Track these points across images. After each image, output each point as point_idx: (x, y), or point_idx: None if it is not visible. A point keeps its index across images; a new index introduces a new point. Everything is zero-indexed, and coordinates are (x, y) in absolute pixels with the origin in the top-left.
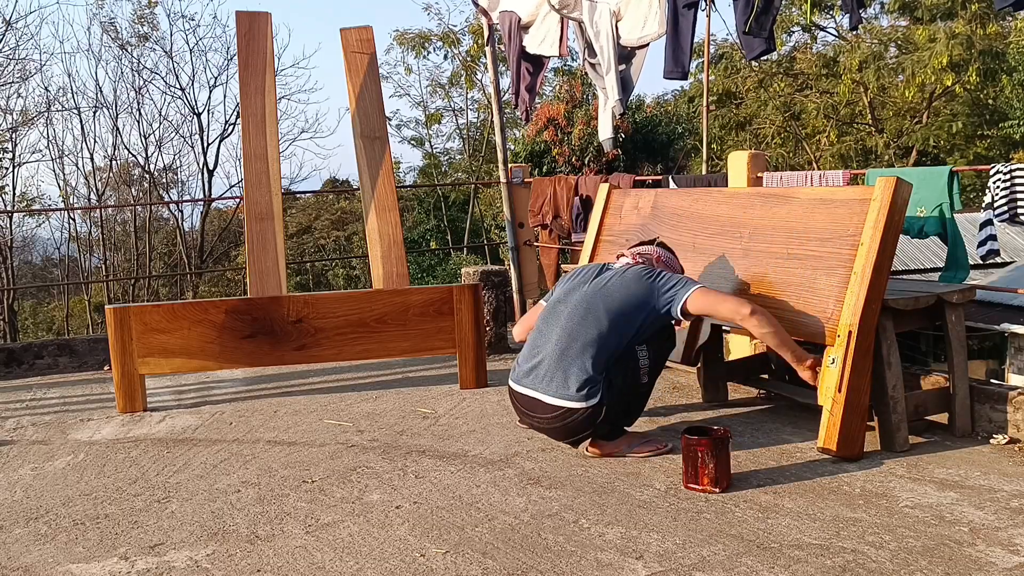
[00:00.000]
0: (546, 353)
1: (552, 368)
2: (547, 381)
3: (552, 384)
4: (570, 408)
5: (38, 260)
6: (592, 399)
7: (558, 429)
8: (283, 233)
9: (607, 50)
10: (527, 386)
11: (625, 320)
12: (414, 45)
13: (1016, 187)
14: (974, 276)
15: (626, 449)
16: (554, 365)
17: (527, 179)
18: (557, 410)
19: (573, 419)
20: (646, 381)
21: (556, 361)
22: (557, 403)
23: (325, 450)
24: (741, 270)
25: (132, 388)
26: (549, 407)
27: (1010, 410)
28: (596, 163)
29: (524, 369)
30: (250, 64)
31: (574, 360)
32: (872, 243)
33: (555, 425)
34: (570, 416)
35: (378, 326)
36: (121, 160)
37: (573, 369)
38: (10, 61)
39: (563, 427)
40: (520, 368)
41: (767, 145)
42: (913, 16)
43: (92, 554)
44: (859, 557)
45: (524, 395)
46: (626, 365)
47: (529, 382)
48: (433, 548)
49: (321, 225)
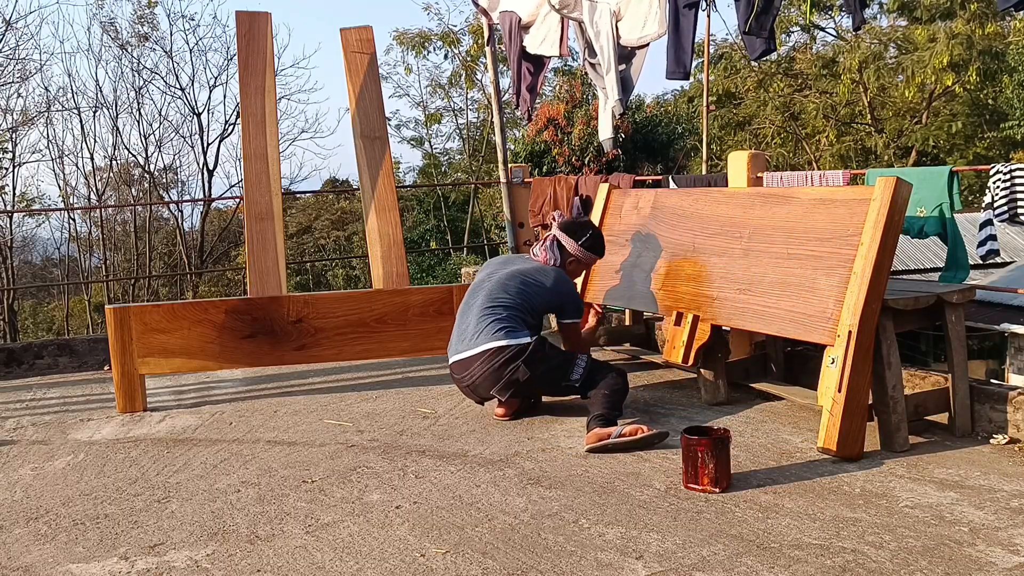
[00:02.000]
0: (471, 319)
1: (478, 328)
2: (475, 338)
3: (479, 338)
4: (496, 347)
5: (38, 260)
6: (518, 338)
7: (486, 372)
8: (283, 233)
9: (607, 50)
10: (458, 351)
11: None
12: (414, 45)
13: (1016, 187)
14: (974, 276)
15: (615, 435)
16: (480, 325)
17: (527, 179)
18: (485, 352)
19: (501, 357)
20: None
21: (480, 320)
22: (483, 348)
23: (325, 450)
24: (741, 270)
25: (132, 388)
26: (478, 355)
27: (1010, 410)
28: (596, 163)
29: (455, 343)
30: (250, 64)
31: (497, 316)
32: (872, 243)
33: (486, 369)
34: (498, 355)
35: (378, 326)
36: (121, 160)
37: (496, 321)
38: (10, 61)
39: (491, 368)
40: (452, 344)
41: (767, 145)
42: (912, 16)
43: (92, 554)
44: (859, 557)
45: (458, 361)
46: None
47: (461, 347)
48: (433, 548)
49: (321, 225)
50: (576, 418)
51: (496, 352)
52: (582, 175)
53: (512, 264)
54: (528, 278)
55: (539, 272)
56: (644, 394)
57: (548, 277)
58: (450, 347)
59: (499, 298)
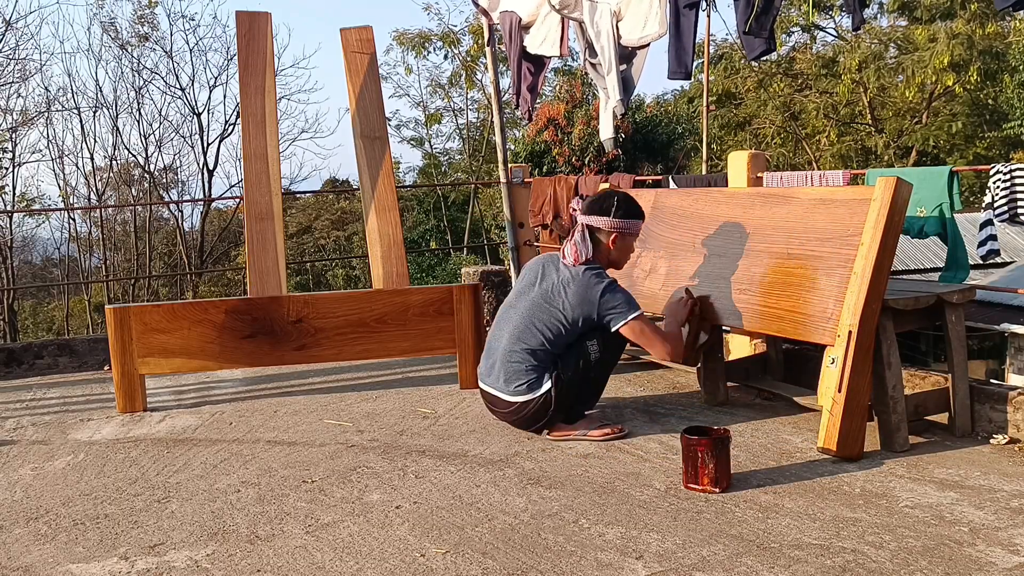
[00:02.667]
0: (497, 355)
1: (501, 367)
2: (501, 379)
3: (503, 382)
4: (522, 402)
5: (38, 260)
6: (537, 391)
7: (517, 420)
8: (283, 233)
9: (608, 50)
10: (487, 384)
11: (568, 327)
12: (414, 45)
13: (1016, 187)
14: (974, 276)
15: (583, 432)
16: (503, 365)
17: (527, 179)
18: (512, 404)
19: (527, 411)
20: (597, 370)
21: (504, 362)
22: (509, 399)
23: (325, 450)
24: (741, 270)
25: (132, 388)
26: (505, 403)
27: (1010, 410)
28: (596, 163)
29: (484, 369)
30: (250, 64)
31: (520, 360)
32: (872, 243)
33: (514, 418)
34: (524, 409)
35: (378, 326)
36: (121, 160)
37: (519, 367)
38: (10, 61)
39: (521, 418)
40: (482, 368)
41: (767, 145)
42: (912, 16)
43: (92, 554)
44: (859, 557)
45: (486, 392)
46: (576, 357)
47: (489, 381)
48: (433, 548)
49: (321, 225)
50: None
51: (521, 407)
52: (582, 175)
53: (546, 276)
54: (553, 304)
55: (564, 289)
56: (644, 394)
57: (571, 291)
58: (481, 364)
59: (524, 338)
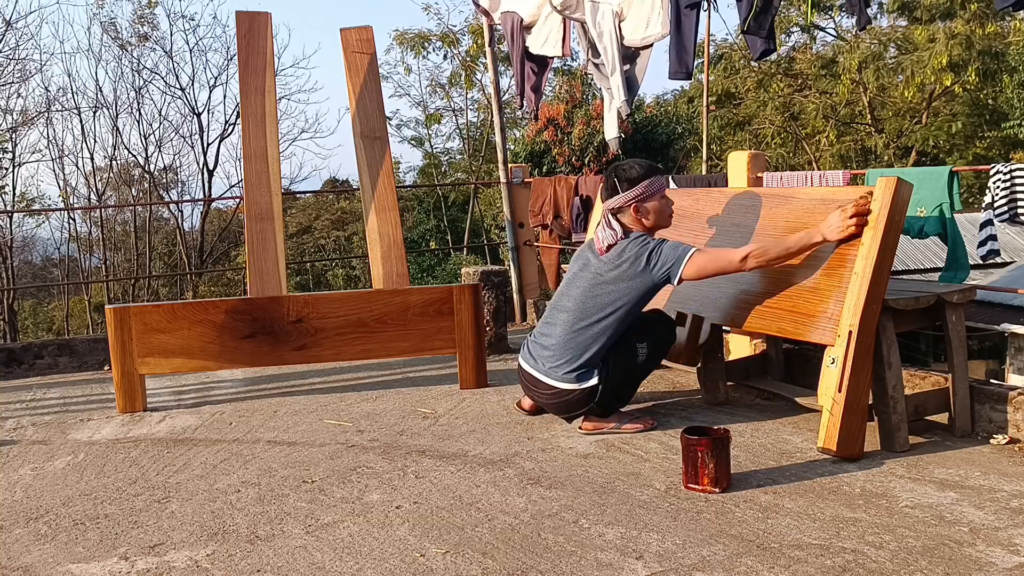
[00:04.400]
0: (551, 342)
1: (555, 355)
2: (550, 365)
3: (553, 368)
4: (566, 389)
5: (38, 260)
6: (587, 381)
7: (556, 405)
8: (283, 233)
9: (611, 51)
10: (532, 367)
11: (626, 309)
12: (414, 45)
13: (1016, 187)
14: (974, 276)
15: (617, 425)
16: (558, 353)
17: (527, 179)
18: (554, 390)
19: (570, 399)
20: (640, 372)
21: (560, 350)
22: (555, 384)
23: (325, 450)
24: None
25: (132, 388)
26: (548, 387)
27: (1010, 410)
28: (596, 163)
29: (533, 352)
30: (250, 64)
31: (576, 349)
32: (872, 243)
33: (554, 401)
34: (567, 396)
35: (378, 326)
36: (121, 160)
37: (573, 357)
38: (10, 61)
39: (560, 404)
40: (529, 350)
41: (767, 145)
42: (912, 16)
43: (92, 554)
44: (859, 557)
45: (528, 373)
46: (625, 356)
47: (534, 364)
48: (433, 548)
49: (321, 225)
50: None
51: (565, 393)
52: (582, 175)
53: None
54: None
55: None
56: (644, 394)
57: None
58: (527, 345)
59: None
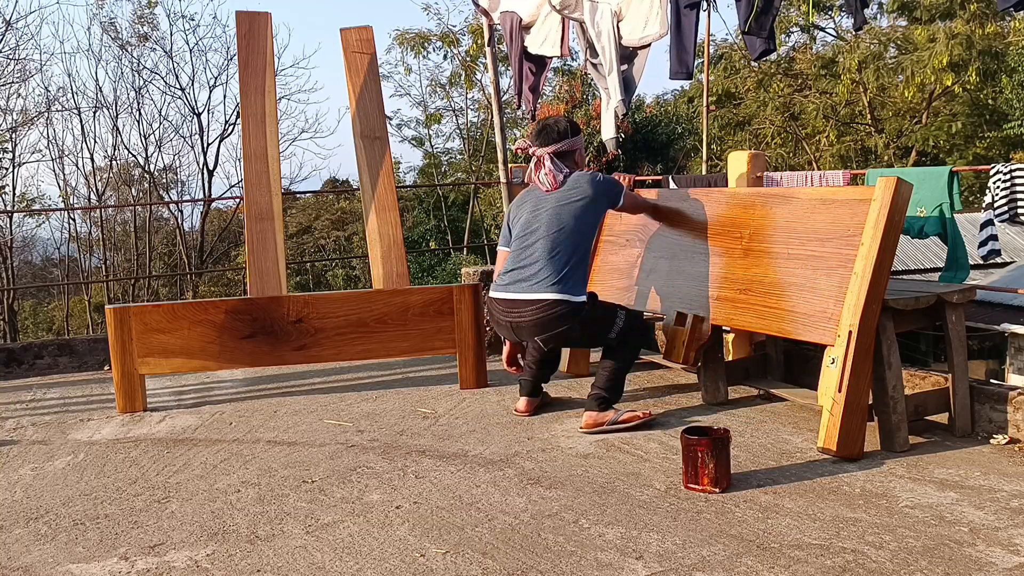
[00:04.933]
0: (532, 260)
1: (541, 270)
2: (535, 281)
3: (540, 283)
4: (555, 300)
5: (38, 260)
6: (576, 295)
7: (539, 320)
8: (283, 233)
9: (609, 50)
10: (512, 291)
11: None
12: (414, 45)
13: (1016, 187)
14: (974, 276)
15: (614, 418)
16: (544, 268)
17: (527, 179)
18: (542, 303)
19: (556, 311)
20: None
21: (544, 266)
22: (544, 297)
23: (325, 450)
24: (741, 270)
25: (132, 388)
26: (532, 300)
27: (1010, 410)
28: (596, 163)
29: (509, 279)
30: (250, 64)
31: (560, 264)
32: (872, 243)
33: (538, 315)
34: (554, 308)
35: (378, 326)
36: (121, 160)
37: (558, 270)
38: (10, 61)
39: (544, 318)
40: (504, 280)
41: (767, 145)
42: (912, 16)
43: (92, 554)
44: (859, 557)
45: (507, 299)
46: (604, 314)
47: (515, 287)
48: (433, 548)
49: (321, 225)
50: (576, 420)
51: (553, 304)
52: None
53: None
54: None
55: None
56: (644, 394)
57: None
58: (496, 282)
59: (560, 241)
